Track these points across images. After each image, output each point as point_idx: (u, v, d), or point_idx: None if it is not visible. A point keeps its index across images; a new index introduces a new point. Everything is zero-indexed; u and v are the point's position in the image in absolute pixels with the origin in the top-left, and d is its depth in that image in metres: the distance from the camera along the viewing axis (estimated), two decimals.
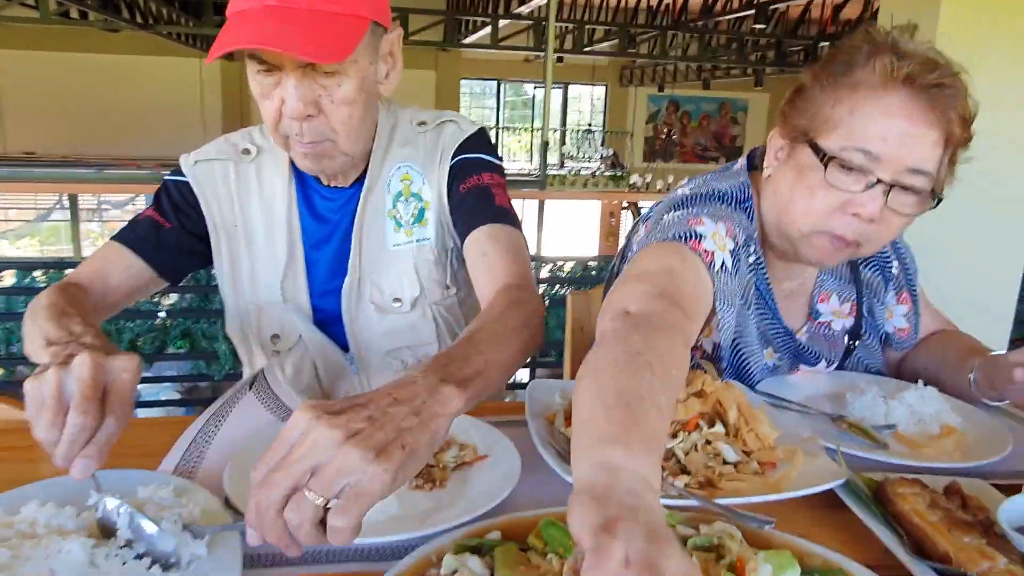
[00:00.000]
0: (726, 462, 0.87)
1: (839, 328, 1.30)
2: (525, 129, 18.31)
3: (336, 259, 1.22)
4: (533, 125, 17.82)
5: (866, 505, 0.82)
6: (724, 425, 0.91)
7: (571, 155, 17.08)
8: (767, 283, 1.19)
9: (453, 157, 1.20)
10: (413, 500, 0.81)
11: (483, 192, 1.16)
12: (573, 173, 14.50)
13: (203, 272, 3.34)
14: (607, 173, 14.73)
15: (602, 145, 17.60)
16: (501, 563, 0.64)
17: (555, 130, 16.89)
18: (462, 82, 16.17)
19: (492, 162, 1.21)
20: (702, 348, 1.21)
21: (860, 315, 1.30)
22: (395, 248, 1.21)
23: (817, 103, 1.06)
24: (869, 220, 1.03)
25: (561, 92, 17.70)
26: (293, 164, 1.20)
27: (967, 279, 2.62)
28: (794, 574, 0.63)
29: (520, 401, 1.03)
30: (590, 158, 16.95)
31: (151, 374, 3.65)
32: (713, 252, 1.02)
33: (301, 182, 1.23)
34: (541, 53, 9.98)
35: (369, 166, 1.19)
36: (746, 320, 1.17)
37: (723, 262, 1.03)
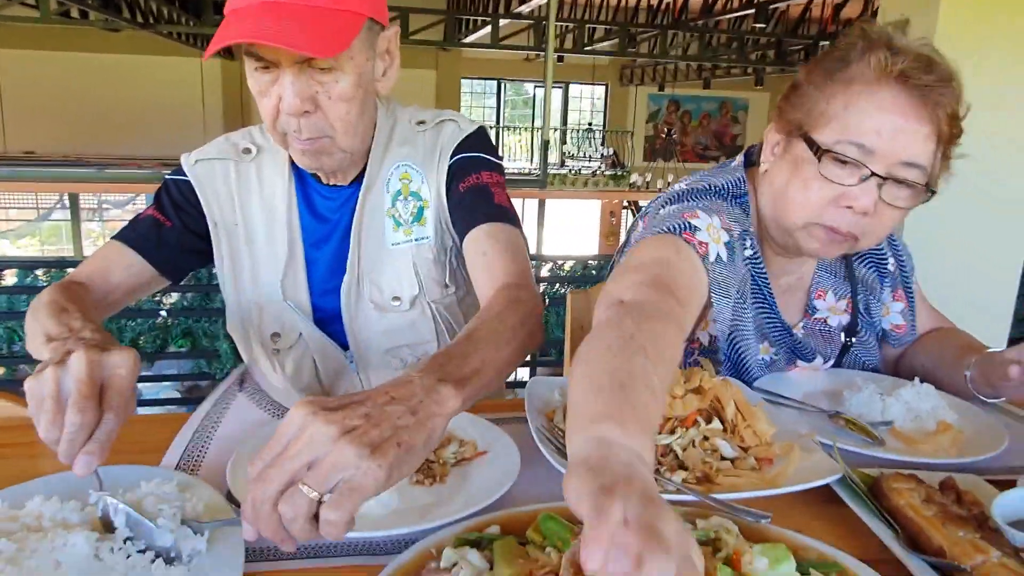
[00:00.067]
0: (723, 458, 0.88)
1: (835, 324, 1.30)
2: (525, 128, 18.29)
3: (336, 258, 1.23)
4: (534, 124, 17.81)
5: (862, 500, 0.82)
6: (722, 421, 0.92)
7: (571, 154, 17.04)
8: (764, 278, 1.20)
9: (452, 156, 1.21)
10: (413, 495, 0.82)
11: (482, 191, 1.17)
12: (573, 172, 14.47)
13: (204, 271, 3.34)
14: (607, 172, 14.71)
15: (602, 144, 17.57)
16: (500, 556, 0.64)
17: (555, 129, 16.85)
18: (463, 81, 16.15)
19: (491, 161, 1.22)
20: (699, 341, 1.22)
21: (856, 312, 1.31)
22: (394, 247, 1.22)
23: (812, 98, 1.07)
24: (863, 213, 1.04)
25: (561, 91, 17.68)
26: (293, 163, 1.20)
27: (967, 278, 2.62)
28: (789, 567, 0.63)
29: (520, 398, 1.03)
30: (590, 157, 16.91)
31: (153, 373, 3.66)
32: (707, 244, 1.03)
33: (301, 181, 1.23)
34: (541, 52, 9.97)
35: (368, 165, 1.19)
36: (743, 314, 1.18)
37: (717, 254, 1.04)
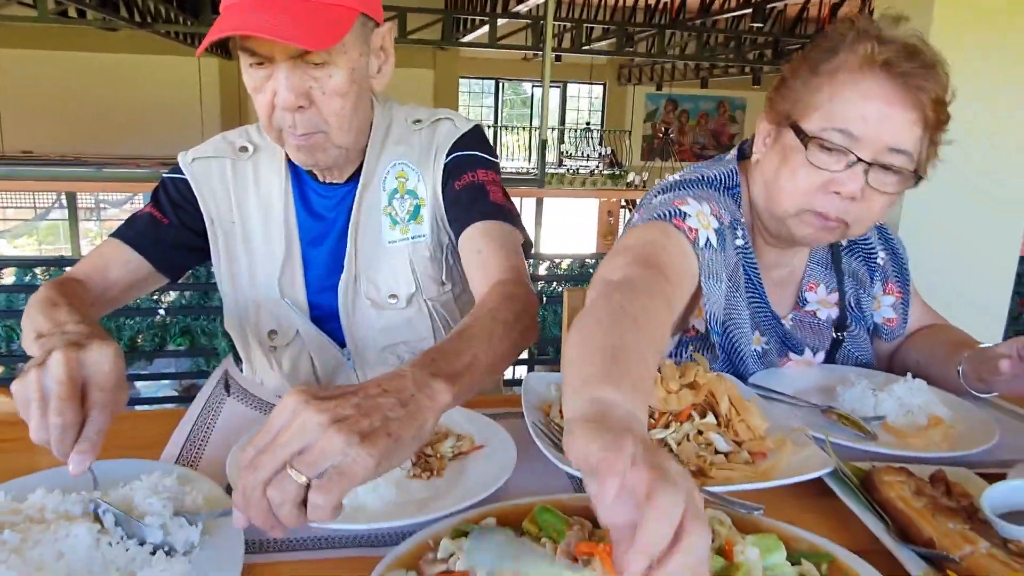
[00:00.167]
0: (717, 452, 0.89)
1: (824, 317, 1.32)
2: (523, 128, 18.29)
3: (333, 256, 1.24)
4: (531, 124, 17.81)
5: (853, 493, 0.83)
6: (716, 416, 0.93)
7: (569, 154, 17.04)
8: (755, 268, 1.21)
9: (448, 154, 1.21)
10: (411, 488, 0.83)
11: (477, 189, 1.17)
12: (571, 171, 14.49)
13: (202, 269, 3.35)
14: (605, 171, 14.73)
15: (600, 144, 17.57)
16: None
17: (553, 129, 16.85)
18: (460, 81, 16.15)
19: (487, 159, 1.22)
20: (695, 328, 1.23)
21: (844, 305, 1.32)
22: (391, 245, 1.23)
23: (800, 88, 1.09)
24: (851, 198, 1.06)
25: (559, 91, 17.68)
26: (290, 161, 1.21)
27: (964, 277, 2.63)
28: (780, 556, 0.64)
29: (517, 394, 1.04)
30: (588, 157, 16.92)
31: (151, 371, 3.67)
32: (697, 230, 1.05)
33: (297, 179, 1.24)
34: (539, 52, 9.98)
35: (364, 163, 1.20)
36: (737, 303, 1.19)
37: (707, 239, 1.06)
